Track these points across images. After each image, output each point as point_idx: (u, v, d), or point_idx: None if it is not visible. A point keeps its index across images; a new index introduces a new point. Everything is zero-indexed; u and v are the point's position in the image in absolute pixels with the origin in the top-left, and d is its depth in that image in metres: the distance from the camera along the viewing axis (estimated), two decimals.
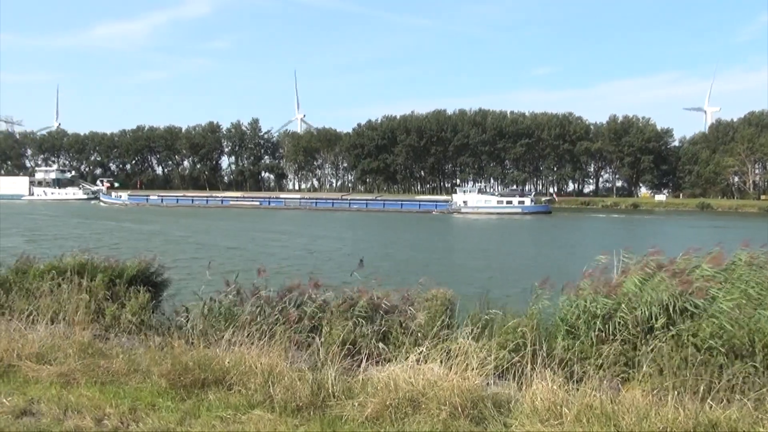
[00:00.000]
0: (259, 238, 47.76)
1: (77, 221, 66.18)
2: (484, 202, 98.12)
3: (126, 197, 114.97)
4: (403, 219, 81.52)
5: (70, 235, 47.56)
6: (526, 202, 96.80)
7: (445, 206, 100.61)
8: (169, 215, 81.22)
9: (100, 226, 59.81)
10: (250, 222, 69.82)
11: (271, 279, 9.03)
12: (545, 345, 6.83)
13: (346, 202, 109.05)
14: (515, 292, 16.88)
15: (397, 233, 58.09)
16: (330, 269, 27.69)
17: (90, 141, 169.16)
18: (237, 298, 8.42)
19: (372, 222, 74.54)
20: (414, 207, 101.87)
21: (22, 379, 6.76)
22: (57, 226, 57.29)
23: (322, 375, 6.25)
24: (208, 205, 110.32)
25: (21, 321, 8.30)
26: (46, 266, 10.04)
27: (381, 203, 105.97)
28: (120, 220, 69.67)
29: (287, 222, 72.33)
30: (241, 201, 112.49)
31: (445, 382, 5.86)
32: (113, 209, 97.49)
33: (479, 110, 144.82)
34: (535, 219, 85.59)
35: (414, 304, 7.95)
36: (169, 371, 6.43)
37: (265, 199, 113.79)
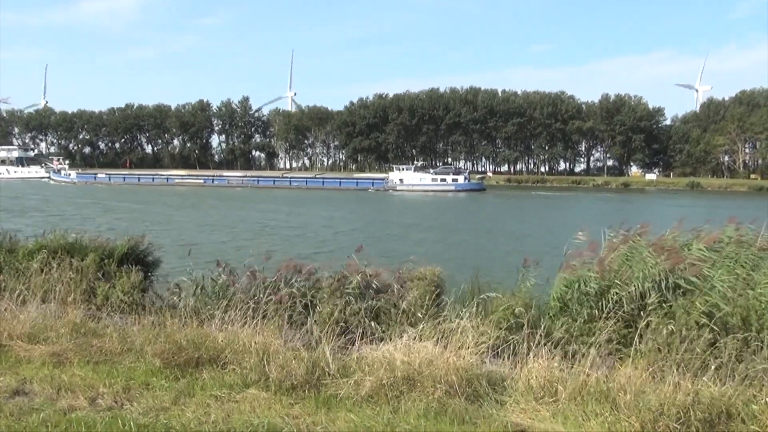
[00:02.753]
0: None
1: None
2: (419, 180, 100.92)
3: (75, 175, 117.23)
4: (342, 196, 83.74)
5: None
6: (460, 180, 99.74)
7: (381, 183, 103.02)
8: (98, 194, 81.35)
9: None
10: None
11: (238, 253, 9.02)
12: (539, 323, 6.84)
13: (286, 180, 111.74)
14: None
15: (337, 208, 59.72)
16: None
17: (78, 119, 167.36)
18: (229, 278, 8.37)
19: (313, 199, 75.41)
20: (352, 185, 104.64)
21: (14, 359, 6.71)
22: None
23: (317, 354, 6.23)
24: (154, 183, 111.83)
25: (12, 301, 8.22)
26: (35, 245, 9.92)
27: (320, 181, 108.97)
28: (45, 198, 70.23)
29: (233, 199, 73.81)
30: (186, 179, 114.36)
31: (441, 361, 5.86)
32: (59, 187, 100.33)
33: (470, 88, 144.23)
34: (467, 196, 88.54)
35: (405, 283, 7.93)
36: (162, 350, 6.40)
37: (209, 177, 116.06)
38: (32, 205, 58.67)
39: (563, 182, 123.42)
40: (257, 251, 9.44)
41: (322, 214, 51.98)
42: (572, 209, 66.04)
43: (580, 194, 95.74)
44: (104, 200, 68.62)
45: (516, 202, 77.82)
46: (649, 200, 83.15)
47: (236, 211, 53.82)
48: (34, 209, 52.60)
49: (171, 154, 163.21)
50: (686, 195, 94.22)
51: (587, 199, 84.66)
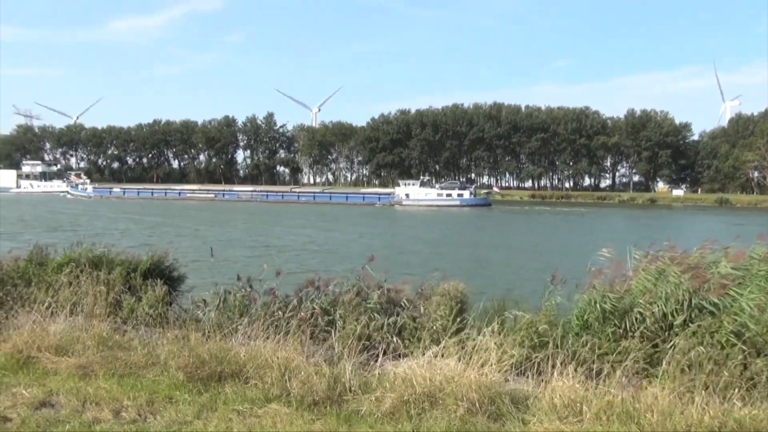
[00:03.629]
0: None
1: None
2: (424, 194, 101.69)
3: (91, 190, 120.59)
4: (348, 211, 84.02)
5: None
6: (465, 195, 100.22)
7: (387, 199, 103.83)
8: (103, 207, 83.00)
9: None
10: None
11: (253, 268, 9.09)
12: (562, 341, 6.75)
13: (294, 195, 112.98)
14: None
15: (343, 225, 59.51)
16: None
17: (107, 135, 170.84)
18: (251, 292, 8.42)
19: (318, 214, 75.29)
20: (358, 199, 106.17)
21: (41, 370, 6.81)
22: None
23: (339, 369, 6.23)
24: (167, 197, 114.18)
25: (41, 313, 8.36)
26: (64, 258, 10.09)
27: (328, 195, 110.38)
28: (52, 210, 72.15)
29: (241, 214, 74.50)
30: (197, 194, 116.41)
31: (463, 378, 5.81)
32: (76, 200, 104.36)
33: (494, 104, 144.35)
34: (473, 211, 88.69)
35: (428, 299, 7.90)
36: (186, 364, 6.44)
37: (219, 191, 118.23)
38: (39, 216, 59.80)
39: (588, 198, 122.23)
40: (277, 266, 9.47)
41: (345, 230, 52.19)
42: (593, 225, 65.41)
43: (604, 210, 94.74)
44: (114, 214, 69.95)
45: (525, 218, 77.41)
46: (675, 216, 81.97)
47: (263, 227, 54.18)
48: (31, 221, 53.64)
49: (197, 169, 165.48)
50: (714, 211, 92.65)
51: (610, 214, 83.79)
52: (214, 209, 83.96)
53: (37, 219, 58.45)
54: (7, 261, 10.30)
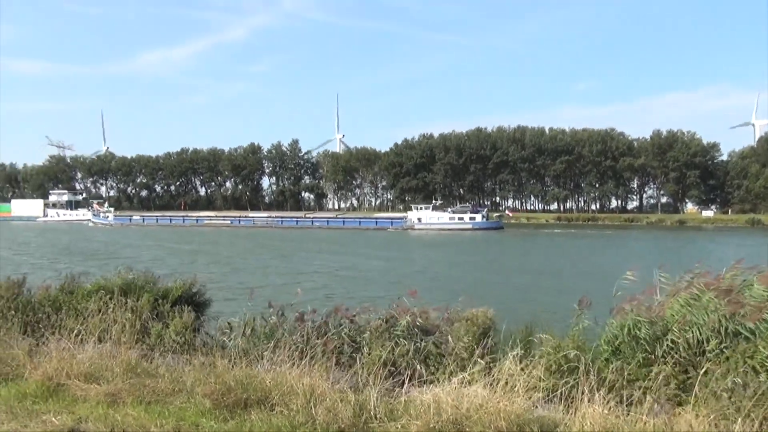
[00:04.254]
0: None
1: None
2: (437, 218, 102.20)
3: (112, 218, 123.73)
4: (361, 236, 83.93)
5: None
6: (477, 219, 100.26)
7: (400, 223, 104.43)
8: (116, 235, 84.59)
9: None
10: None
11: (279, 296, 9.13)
12: (591, 367, 6.62)
13: (309, 220, 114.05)
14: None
15: (352, 249, 59.32)
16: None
17: (136, 164, 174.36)
18: (279, 319, 8.44)
19: (330, 240, 75.20)
20: (371, 224, 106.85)
21: (70, 397, 6.88)
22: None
23: (364, 396, 6.18)
24: (185, 224, 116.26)
25: (70, 340, 8.47)
26: (94, 286, 10.25)
27: (341, 221, 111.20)
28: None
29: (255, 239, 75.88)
30: (214, 220, 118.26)
31: (490, 405, 5.73)
32: (97, 228, 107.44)
33: (518, 127, 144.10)
34: (485, 234, 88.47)
35: (454, 324, 7.83)
36: (212, 391, 6.46)
37: (236, 218, 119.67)
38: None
39: (615, 220, 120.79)
40: (296, 292, 9.53)
41: (361, 256, 52.17)
42: (615, 247, 64.42)
43: (630, 232, 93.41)
44: (134, 240, 71.40)
45: (539, 241, 76.77)
46: (705, 238, 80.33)
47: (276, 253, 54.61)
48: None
49: (224, 196, 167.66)
50: (746, 232, 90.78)
51: (634, 236, 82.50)
52: (230, 235, 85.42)
53: (48, 245, 59.92)
54: (39, 289, 10.50)
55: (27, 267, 37.10)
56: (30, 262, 42.62)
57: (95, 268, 33.76)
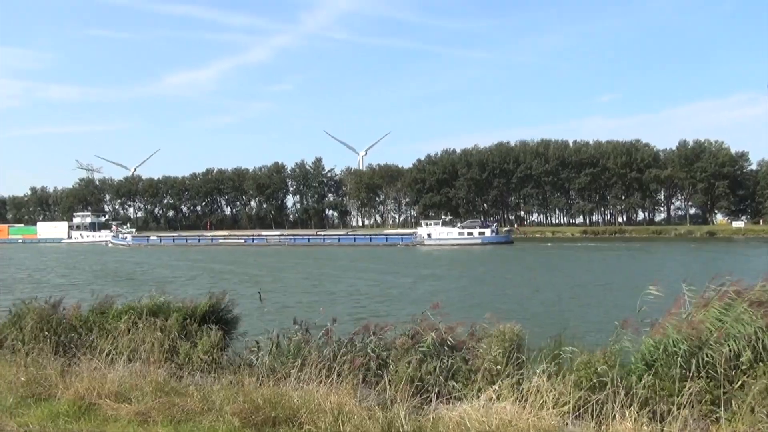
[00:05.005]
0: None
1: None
2: (446, 234, 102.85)
3: (130, 238, 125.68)
4: (372, 252, 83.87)
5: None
6: (487, 233, 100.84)
7: (410, 239, 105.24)
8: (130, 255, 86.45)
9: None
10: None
11: (315, 314, 9.15)
12: (622, 382, 6.51)
13: (320, 237, 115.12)
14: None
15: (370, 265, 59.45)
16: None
17: (163, 185, 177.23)
18: (305, 336, 8.47)
19: (341, 257, 75.48)
20: (381, 240, 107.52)
21: (102, 417, 6.96)
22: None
23: (392, 414, 6.15)
24: (200, 243, 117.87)
25: (101, 360, 8.60)
26: (124, 307, 10.41)
27: (352, 238, 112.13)
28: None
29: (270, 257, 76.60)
30: (228, 239, 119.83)
31: (520, 422, 5.67)
32: (117, 249, 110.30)
33: (541, 140, 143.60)
34: (494, 249, 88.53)
35: (481, 340, 7.77)
36: (240, 409, 6.49)
37: (249, 237, 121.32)
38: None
39: (643, 232, 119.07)
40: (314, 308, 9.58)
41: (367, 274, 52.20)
42: (637, 260, 63.39)
43: (661, 244, 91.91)
44: (148, 259, 72.41)
45: (552, 255, 75.83)
46: (736, 249, 78.75)
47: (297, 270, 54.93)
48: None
49: (248, 215, 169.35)
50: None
51: (660, 249, 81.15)
52: (244, 254, 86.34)
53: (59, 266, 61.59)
54: (71, 310, 10.68)
55: (43, 285, 38.65)
56: (48, 280, 44.41)
57: (109, 286, 35.89)
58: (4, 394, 7.81)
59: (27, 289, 37.85)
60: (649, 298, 7.58)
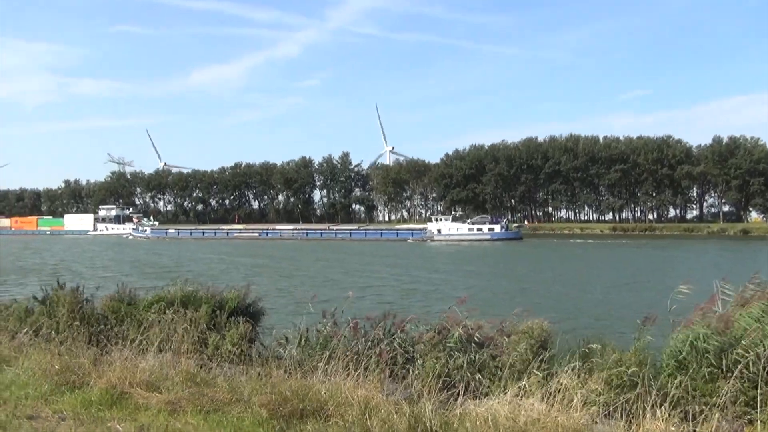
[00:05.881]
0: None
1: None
2: (456, 229, 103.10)
3: (150, 231, 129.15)
4: (382, 247, 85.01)
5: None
6: (496, 229, 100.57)
7: (420, 234, 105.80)
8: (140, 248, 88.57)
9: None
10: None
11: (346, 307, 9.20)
12: (653, 381, 6.41)
13: (332, 232, 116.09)
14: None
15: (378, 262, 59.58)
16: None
17: (192, 179, 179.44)
18: (333, 329, 8.50)
19: (352, 251, 76.23)
20: (392, 236, 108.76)
21: (133, 405, 7.08)
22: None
23: (419, 408, 6.14)
24: (216, 237, 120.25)
25: (132, 350, 8.75)
26: (154, 297, 10.57)
27: (363, 232, 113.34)
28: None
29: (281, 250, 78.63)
30: (243, 233, 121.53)
31: (548, 420, 5.62)
32: (136, 241, 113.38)
33: (570, 136, 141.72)
34: (504, 245, 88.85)
35: (509, 336, 7.73)
36: (268, 401, 6.54)
37: (264, 230, 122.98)
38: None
39: (674, 230, 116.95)
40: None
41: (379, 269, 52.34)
42: (656, 258, 62.33)
43: (692, 242, 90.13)
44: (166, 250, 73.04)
45: (561, 251, 75.63)
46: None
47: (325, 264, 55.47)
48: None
49: (276, 209, 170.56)
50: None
51: (683, 247, 79.55)
52: (258, 246, 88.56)
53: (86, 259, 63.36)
54: (102, 301, 10.89)
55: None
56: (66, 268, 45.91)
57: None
58: (39, 382, 8.00)
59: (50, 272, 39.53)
60: (680, 297, 7.45)
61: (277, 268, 50.18)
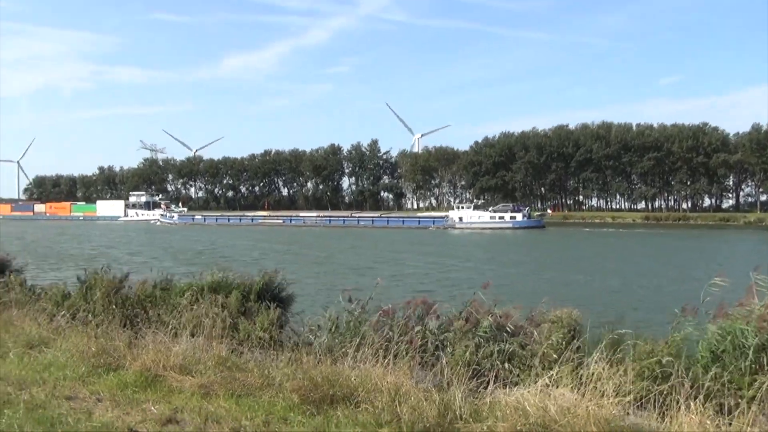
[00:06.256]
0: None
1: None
2: (477, 217, 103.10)
3: (177, 217, 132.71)
4: (405, 234, 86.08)
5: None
6: (518, 218, 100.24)
7: (441, 222, 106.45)
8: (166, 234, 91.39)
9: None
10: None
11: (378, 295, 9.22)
12: (687, 373, 6.30)
13: (355, 219, 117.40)
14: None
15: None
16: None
17: (223, 165, 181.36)
18: (363, 316, 8.53)
19: (375, 238, 77.24)
20: (414, 223, 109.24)
21: (167, 388, 7.23)
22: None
23: (449, 396, 6.15)
24: (241, 223, 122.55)
25: (166, 334, 8.92)
26: (186, 284, 10.75)
27: (385, 220, 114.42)
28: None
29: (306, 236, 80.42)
30: (267, 219, 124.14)
31: (579, 409, 5.56)
32: (164, 227, 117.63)
33: (602, 123, 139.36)
34: (526, 233, 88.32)
35: (540, 325, 7.67)
36: (299, 386, 6.61)
37: (287, 217, 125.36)
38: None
39: (709, 219, 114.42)
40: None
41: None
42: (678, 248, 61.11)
43: (726, 232, 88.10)
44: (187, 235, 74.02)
45: (586, 240, 74.81)
46: None
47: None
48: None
49: (305, 196, 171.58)
50: None
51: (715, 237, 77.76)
52: (284, 233, 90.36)
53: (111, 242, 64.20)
54: (137, 285, 11.11)
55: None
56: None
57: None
58: (77, 363, 8.21)
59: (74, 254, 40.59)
60: (714, 291, 7.28)
61: (304, 254, 50.88)
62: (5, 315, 11.50)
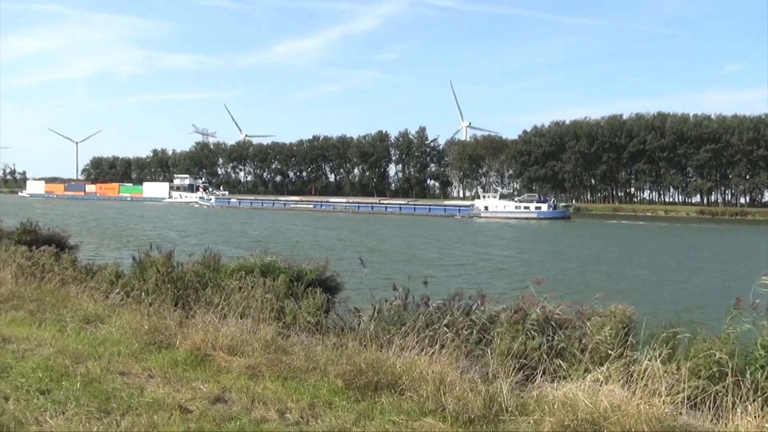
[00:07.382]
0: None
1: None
2: (503, 207, 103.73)
3: (214, 200, 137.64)
4: (431, 222, 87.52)
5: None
6: (543, 208, 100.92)
7: (467, 210, 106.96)
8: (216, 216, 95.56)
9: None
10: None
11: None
12: (744, 373, 6.06)
13: (383, 206, 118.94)
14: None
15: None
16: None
17: (271, 150, 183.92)
18: (409, 304, 8.52)
19: (401, 225, 77.97)
20: (440, 211, 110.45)
21: (216, 368, 7.38)
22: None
23: (495, 388, 6.08)
24: (273, 207, 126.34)
25: (215, 315, 9.09)
26: (236, 266, 10.95)
27: (412, 207, 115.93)
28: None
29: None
30: (299, 204, 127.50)
31: (629, 407, 5.42)
32: (202, 209, 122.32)
33: (658, 114, 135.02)
34: (551, 224, 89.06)
35: (590, 320, 7.50)
36: (344, 371, 6.65)
37: (318, 202, 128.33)
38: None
39: (766, 215, 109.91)
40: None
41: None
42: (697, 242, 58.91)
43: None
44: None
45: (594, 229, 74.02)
46: None
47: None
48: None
49: (351, 182, 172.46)
50: None
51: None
52: (313, 218, 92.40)
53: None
54: (188, 266, 11.37)
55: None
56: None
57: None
58: (130, 340, 8.47)
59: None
60: (763, 291, 6.97)
61: (339, 239, 51.81)
62: (63, 291, 11.96)
